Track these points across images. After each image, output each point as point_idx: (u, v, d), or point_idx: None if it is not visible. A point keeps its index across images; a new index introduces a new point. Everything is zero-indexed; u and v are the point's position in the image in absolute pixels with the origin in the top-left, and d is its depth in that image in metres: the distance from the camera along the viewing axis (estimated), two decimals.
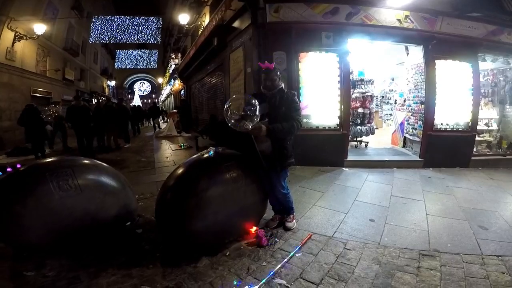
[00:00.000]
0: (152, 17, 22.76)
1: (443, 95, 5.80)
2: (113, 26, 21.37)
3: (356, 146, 6.86)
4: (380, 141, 7.72)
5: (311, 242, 2.79)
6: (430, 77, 5.77)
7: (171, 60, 22.38)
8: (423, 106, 5.99)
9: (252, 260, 2.50)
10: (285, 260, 2.45)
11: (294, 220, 3.13)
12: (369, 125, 6.67)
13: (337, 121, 5.65)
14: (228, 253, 2.60)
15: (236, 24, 6.69)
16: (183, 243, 2.55)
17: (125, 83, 38.17)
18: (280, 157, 2.80)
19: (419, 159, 5.86)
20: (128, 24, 21.85)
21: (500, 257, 2.56)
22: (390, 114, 9.47)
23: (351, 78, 6.27)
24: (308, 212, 3.52)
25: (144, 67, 29.94)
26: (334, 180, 4.85)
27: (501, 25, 5.84)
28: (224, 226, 2.60)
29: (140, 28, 22.23)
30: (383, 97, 10.41)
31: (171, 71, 22.62)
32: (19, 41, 11.47)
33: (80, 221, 2.55)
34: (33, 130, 6.71)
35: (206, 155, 2.74)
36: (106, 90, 27.49)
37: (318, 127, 5.67)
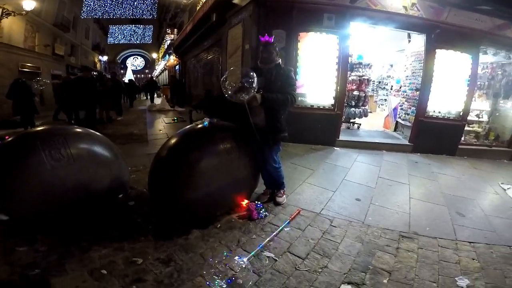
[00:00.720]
0: None
1: (439, 83, 5.82)
2: (106, 0, 20.27)
3: (348, 127, 6.91)
4: (372, 124, 7.80)
5: (300, 218, 2.88)
6: (429, 65, 5.73)
7: (167, 35, 21.94)
8: (418, 92, 6.00)
9: (242, 232, 2.57)
10: (274, 233, 2.54)
11: (284, 196, 3.20)
12: (363, 107, 6.68)
13: (332, 101, 5.63)
14: (219, 225, 2.65)
15: (236, 0, 6.39)
16: (175, 214, 2.57)
17: (117, 58, 36.75)
18: (273, 130, 2.83)
19: (409, 144, 5.97)
20: None
21: (472, 244, 2.72)
22: (385, 100, 9.46)
23: (349, 61, 6.18)
24: (298, 188, 3.59)
25: (138, 42, 28.76)
26: (325, 158, 4.92)
27: (510, 19, 5.71)
28: (216, 198, 2.63)
29: (135, 2, 21.26)
30: (380, 82, 10.37)
31: (166, 47, 22.33)
32: (6, 17, 11.09)
33: (73, 193, 2.40)
34: (22, 103, 6.71)
35: (200, 126, 2.71)
36: (98, 65, 26.79)
37: (313, 106, 5.65)
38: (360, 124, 7.05)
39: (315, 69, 5.55)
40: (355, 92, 6.59)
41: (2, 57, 11.41)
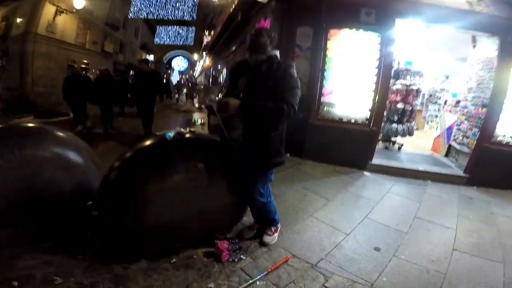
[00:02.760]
0: None
1: None
2: (152, 1, 22.28)
3: (386, 147, 6.05)
4: (417, 145, 6.73)
5: (285, 268, 2.30)
6: (502, 76, 4.69)
7: (204, 37, 22.77)
8: (484, 110, 4.96)
9: (199, 276, 2.11)
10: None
11: (275, 234, 2.65)
12: (408, 124, 5.79)
13: (367, 114, 4.90)
14: (174, 260, 2.25)
15: None
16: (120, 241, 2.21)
17: (164, 58, 39.10)
18: (259, 154, 2.22)
19: (463, 175, 4.95)
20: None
21: None
22: (436, 116, 8.31)
23: (394, 66, 5.40)
24: (299, 225, 3.00)
25: (181, 43, 30.74)
26: (348, 185, 4.23)
27: None
28: (172, 229, 2.19)
29: (177, 4, 23.08)
30: (431, 95, 9.13)
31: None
32: (59, 15, 12.85)
33: (23, 196, 2.34)
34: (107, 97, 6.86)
35: (160, 139, 2.33)
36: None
37: (342, 118, 4.98)
38: (401, 144, 6.09)
39: (347, 73, 4.86)
40: (400, 105, 5.73)
41: (53, 51, 13.04)
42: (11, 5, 12.95)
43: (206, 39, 22.25)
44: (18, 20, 12.66)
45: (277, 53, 2.25)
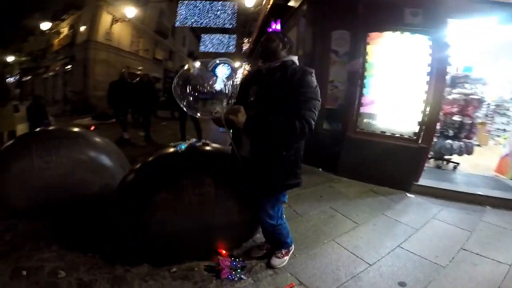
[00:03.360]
0: (228, 2, 24.31)
1: None
2: (195, 10, 23.65)
3: (439, 167, 5.39)
4: (478, 164, 5.80)
5: None
6: None
7: (243, 44, 23.24)
8: None
9: None
10: None
11: (285, 257, 2.53)
12: (467, 140, 5.09)
13: (416, 128, 4.42)
14: (174, 269, 2.30)
15: (291, 2, 5.99)
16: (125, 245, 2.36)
17: (208, 66, 41.28)
18: (269, 175, 2.04)
19: None
20: (208, 8, 24.03)
21: None
22: (505, 130, 7.18)
23: (450, 72, 4.83)
24: (317, 250, 2.82)
25: (224, 51, 32.32)
26: (385, 208, 3.86)
27: None
28: (176, 240, 2.26)
29: (218, 12, 24.08)
30: (497, 105, 7.95)
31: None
32: (115, 23, 14.50)
33: (56, 194, 2.69)
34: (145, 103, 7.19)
35: (173, 149, 2.41)
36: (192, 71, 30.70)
37: (385, 132, 4.59)
38: (457, 163, 5.33)
39: (392, 81, 4.43)
40: (456, 118, 5.09)
41: (112, 58, 14.77)
42: (76, 13, 14.63)
43: (245, 46, 22.84)
44: (82, 28, 14.58)
45: (295, 58, 2.06)
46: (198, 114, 1.91)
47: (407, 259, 2.79)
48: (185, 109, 1.88)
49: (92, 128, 7.19)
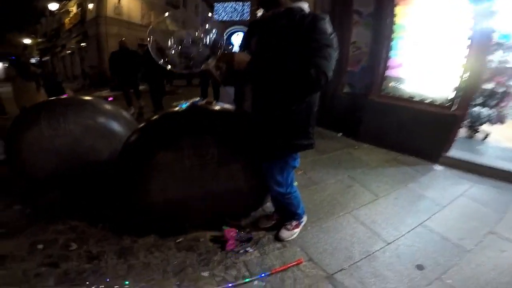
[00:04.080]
0: None
1: None
2: None
3: (470, 137, 4.91)
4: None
5: (293, 272, 2.04)
6: None
7: (257, 12, 22.47)
8: None
9: (197, 261, 2.05)
10: (231, 284, 1.86)
11: (296, 230, 2.37)
12: (500, 108, 4.53)
13: (450, 94, 3.91)
14: (180, 240, 2.25)
15: None
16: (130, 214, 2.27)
17: (224, 34, 39.81)
18: (277, 134, 1.78)
19: None
20: None
21: None
22: None
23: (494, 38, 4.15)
24: (331, 222, 2.64)
25: (238, 19, 31.18)
26: (409, 180, 3.56)
27: None
28: (179, 208, 2.14)
29: None
30: None
31: None
32: None
33: (67, 162, 2.70)
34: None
35: (175, 109, 2.20)
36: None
37: (413, 97, 4.12)
38: (487, 133, 4.78)
39: (423, 43, 3.90)
40: (488, 85, 4.51)
41: (124, 32, 14.79)
42: None
43: (259, 13, 21.83)
44: (90, 5, 15.01)
45: (304, 5, 1.69)
46: (182, 70, 1.64)
47: (428, 239, 2.56)
48: (165, 66, 1.62)
49: (110, 99, 6.91)
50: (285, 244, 2.28)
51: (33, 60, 21.22)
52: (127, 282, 1.82)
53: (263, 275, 1.95)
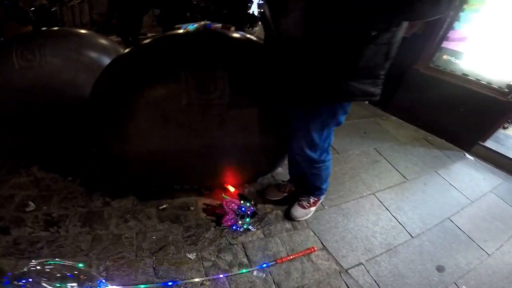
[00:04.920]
0: None
1: None
2: None
3: (504, 127, 4.30)
4: None
5: (302, 263, 1.65)
6: None
7: None
8: None
9: (182, 238, 1.64)
10: (222, 275, 1.43)
11: (312, 208, 1.92)
12: None
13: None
14: (165, 206, 1.79)
15: None
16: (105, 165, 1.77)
17: None
18: (337, 70, 1.19)
19: None
20: None
21: None
22: None
23: None
24: (353, 202, 2.20)
25: None
26: (439, 166, 3.07)
27: None
28: (166, 163, 1.64)
29: None
30: None
31: None
32: None
33: (43, 97, 2.34)
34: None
35: (182, 30, 1.61)
36: None
37: (467, 75, 3.48)
38: None
39: (501, 21, 3.20)
40: None
41: None
42: None
43: None
44: None
45: None
46: None
47: (454, 236, 2.20)
48: None
49: None
50: (296, 225, 1.85)
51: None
52: (81, 265, 1.37)
53: (265, 266, 1.51)
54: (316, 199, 1.91)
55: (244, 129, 1.58)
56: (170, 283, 1.33)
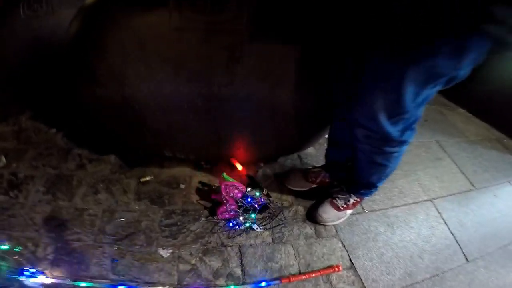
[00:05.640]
0: None
1: None
2: None
3: None
4: None
5: (314, 286, 1.15)
6: None
7: None
8: None
9: (159, 226, 1.23)
10: None
11: (348, 211, 1.40)
12: None
13: None
14: (148, 179, 1.39)
15: None
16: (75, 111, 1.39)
17: None
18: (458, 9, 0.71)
19: None
20: None
21: None
22: None
23: None
24: (403, 208, 1.65)
25: None
26: None
27: None
28: (145, 118, 1.16)
29: None
30: None
31: None
32: None
33: (47, 46, 2.06)
34: None
35: None
36: None
37: None
38: None
39: None
40: None
41: None
42: None
43: None
44: None
45: None
46: None
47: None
48: None
49: None
50: (321, 231, 1.35)
51: None
52: (5, 247, 1.01)
53: (263, 284, 1.03)
54: (359, 200, 1.38)
55: (268, 77, 1.06)
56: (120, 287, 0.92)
